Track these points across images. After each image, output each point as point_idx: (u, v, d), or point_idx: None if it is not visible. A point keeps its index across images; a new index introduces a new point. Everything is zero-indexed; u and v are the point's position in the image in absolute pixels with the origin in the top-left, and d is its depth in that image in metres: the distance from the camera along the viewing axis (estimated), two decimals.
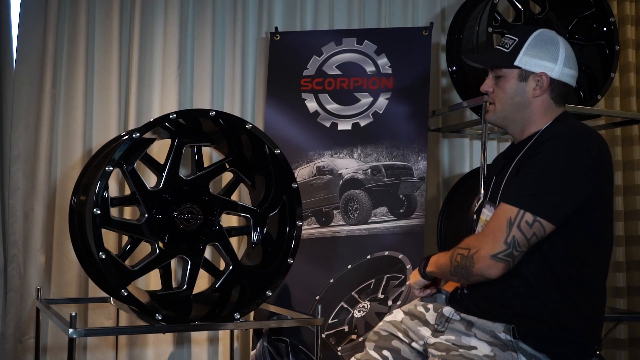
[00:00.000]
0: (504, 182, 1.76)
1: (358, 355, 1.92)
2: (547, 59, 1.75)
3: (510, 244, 1.59)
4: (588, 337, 1.69)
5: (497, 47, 1.81)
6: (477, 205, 1.92)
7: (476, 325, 1.72)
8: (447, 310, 1.83)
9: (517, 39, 1.77)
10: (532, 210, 1.59)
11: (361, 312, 2.82)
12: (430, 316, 1.87)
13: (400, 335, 1.88)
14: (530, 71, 1.75)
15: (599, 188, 1.66)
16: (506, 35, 1.82)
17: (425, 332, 1.83)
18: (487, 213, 1.81)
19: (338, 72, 3.05)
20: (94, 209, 2.01)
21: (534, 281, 1.66)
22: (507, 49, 1.78)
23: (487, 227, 1.67)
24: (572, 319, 1.66)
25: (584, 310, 1.68)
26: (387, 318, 1.97)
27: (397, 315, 1.95)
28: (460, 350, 1.68)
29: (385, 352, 1.86)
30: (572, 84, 1.79)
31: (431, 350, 1.75)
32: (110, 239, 2.86)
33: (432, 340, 1.78)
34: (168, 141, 2.28)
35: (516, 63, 1.76)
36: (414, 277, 1.94)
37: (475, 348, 1.67)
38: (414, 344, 1.84)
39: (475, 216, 1.91)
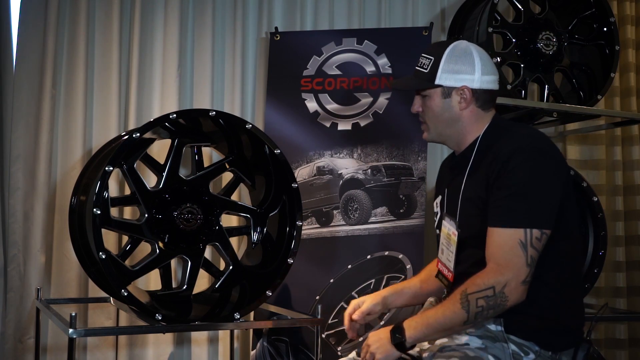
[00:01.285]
0: (461, 196, 1.79)
1: (358, 350, 1.92)
2: (464, 71, 1.79)
3: (531, 264, 1.63)
4: (574, 323, 1.76)
5: (417, 67, 1.86)
6: (437, 220, 1.92)
7: None
8: None
9: (432, 58, 1.81)
10: (536, 225, 1.63)
11: None
12: None
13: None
14: (452, 87, 1.80)
15: (565, 182, 1.73)
16: (422, 54, 1.86)
17: None
18: (448, 226, 1.82)
19: (338, 72, 3.04)
20: (94, 209, 2.01)
21: None
22: (426, 69, 1.83)
23: (497, 258, 1.64)
24: (556, 308, 1.72)
25: (567, 298, 1.74)
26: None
27: None
28: (453, 346, 1.71)
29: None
30: (495, 88, 1.84)
31: (424, 354, 1.77)
32: (110, 239, 2.86)
33: (427, 345, 1.80)
34: (168, 141, 2.28)
35: (437, 82, 1.80)
36: (383, 352, 1.69)
37: (467, 344, 1.70)
38: (409, 351, 1.85)
39: (437, 231, 1.92)
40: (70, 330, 1.93)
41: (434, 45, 1.88)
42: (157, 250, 2.20)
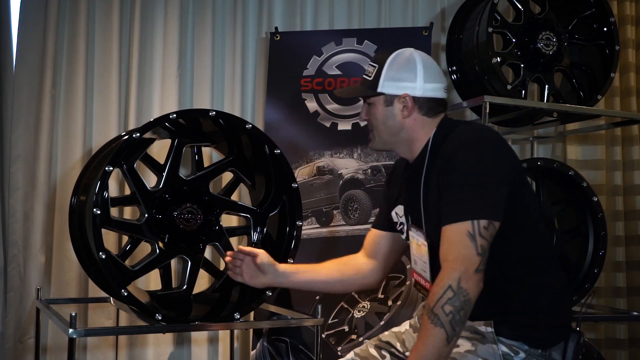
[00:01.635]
0: (422, 206, 1.76)
1: (357, 350, 1.93)
2: (406, 79, 1.78)
3: (482, 253, 1.58)
4: (559, 316, 1.74)
5: (364, 75, 1.85)
6: (405, 232, 1.89)
7: None
8: None
9: (376, 66, 1.81)
10: (482, 216, 1.59)
11: (361, 312, 2.82)
12: None
13: (398, 345, 1.90)
14: (394, 94, 1.78)
15: (513, 173, 1.69)
16: (369, 62, 1.85)
17: None
18: (416, 237, 1.81)
19: (338, 72, 3.04)
20: (94, 209, 2.01)
21: (492, 281, 1.65)
22: (370, 77, 1.82)
23: (449, 253, 1.59)
24: (539, 305, 1.71)
25: (549, 294, 1.73)
26: (395, 329, 1.98)
27: (403, 326, 1.96)
28: None
29: (385, 352, 1.88)
30: (440, 96, 1.82)
31: None
32: (110, 239, 2.86)
33: None
34: (168, 141, 2.28)
35: (379, 89, 1.79)
36: None
37: (457, 346, 1.69)
38: (407, 354, 1.87)
39: (407, 242, 1.90)
40: (70, 330, 1.93)
41: (380, 53, 1.86)
42: (157, 250, 2.20)
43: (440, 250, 1.62)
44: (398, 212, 1.92)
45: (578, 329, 1.76)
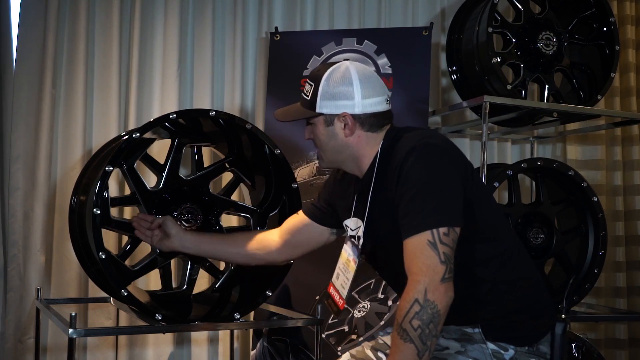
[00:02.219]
0: (365, 219, 1.72)
1: (353, 351, 1.92)
2: (342, 98, 1.71)
3: (446, 261, 1.53)
4: (540, 310, 1.72)
5: (302, 94, 1.79)
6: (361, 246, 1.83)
7: (444, 329, 1.72)
8: None
9: (313, 84, 1.75)
10: (441, 224, 1.54)
11: (361, 312, 2.82)
12: None
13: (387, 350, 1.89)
14: (332, 114, 1.72)
15: (465, 176, 1.64)
16: (307, 80, 1.79)
17: None
18: (349, 252, 1.77)
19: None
20: (94, 209, 2.01)
21: (465, 287, 1.64)
22: (308, 96, 1.76)
23: (413, 265, 1.54)
24: (517, 304, 1.69)
25: (525, 292, 1.71)
26: (389, 329, 1.97)
27: None
28: (434, 352, 1.68)
29: (380, 354, 1.88)
30: (381, 109, 1.74)
31: None
32: (110, 239, 2.86)
33: None
34: (168, 141, 2.28)
35: (317, 110, 1.73)
36: None
37: (447, 348, 1.70)
38: None
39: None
40: (70, 330, 1.93)
41: (316, 69, 1.79)
42: (157, 250, 2.20)
43: (405, 265, 1.57)
44: (349, 225, 1.86)
45: (563, 316, 1.75)
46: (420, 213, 1.56)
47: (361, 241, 1.79)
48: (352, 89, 1.71)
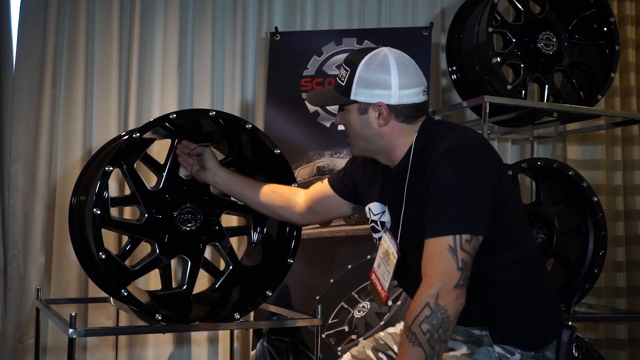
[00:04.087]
0: (402, 215, 1.69)
1: (354, 351, 1.92)
2: (380, 87, 1.65)
3: (463, 267, 1.51)
4: (548, 316, 1.71)
5: (337, 77, 1.73)
6: (380, 233, 1.82)
7: None
8: None
9: (349, 70, 1.68)
10: (465, 230, 1.52)
11: (361, 312, 2.82)
12: None
13: (395, 347, 1.88)
14: (368, 103, 1.66)
15: (499, 181, 1.62)
16: (342, 63, 1.72)
17: None
18: (388, 244, 1.74)
19: (338, 72, 3.04)
20: (94, 209, 2.01)
21: (480, 289, 1.64)
22: (343, 81, 1.69)
23: (429, 268, 1.52)
24: (527, 308, 1.68)
25: (536, 297, 1.69)
26: (390, 330, 1.96)
27: (398, 327, 1.95)
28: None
29: (382, 355, 1.87)
30: (418, 100, 1.68)
31: None
32: (110, 239, 2.86)
33: None
34: (168, 141, 2.27)
35: (352, 97, 1.67)
36: None
37: (452, 349, 1.69)
38: None
39: (375, 238, 1.86)
40: (70, 330, 1.93)
41: (354, 54, 1.71)
42: (157, 251, 2.20)
43: (422, 265, 1.55)
44: (372, 209, 1.84)
45: (570, 323, 1.73)
46: (446, 216, 1.54)
47: (387, 225, 1.77)
48: (389, 78, 1.64)
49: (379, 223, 1.83)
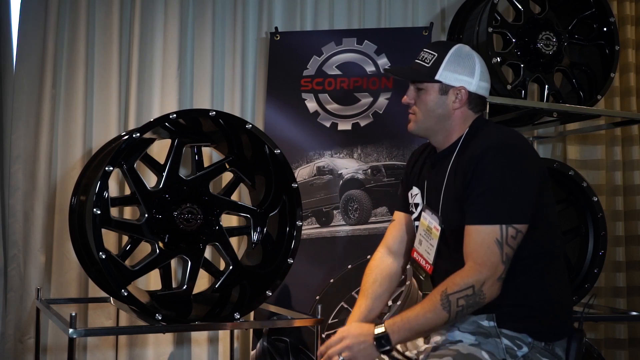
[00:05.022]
0: (443, 193, 1.81)
1: None
2: (465, 73, 1.83)
3: (506, 261, 1.67)
4: (562, 311, 1.78)
5: (417, 61, 1.89)
6: (416, 213, 1.94)
7: (460, 320, 1.77)
8: None
9: (436, 54, 1.85)
10: (512, 221, 1.67)
11: None
12: None
13: (398, 345, 1.90)
14: (450, 85, 1.83)
15: (541, 178, 1.75)
16: (425, 50, 1.89)
17: (420, 341, 1.89)
18: (429, 219, 1.86)
19: (338, 72, 3.04)
20: (94, 209, 2.01)
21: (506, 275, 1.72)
22: (428, 63, 1.85)
23: (475, 257, 1.67)
24: (545, 299, 1.75)
25: (554, 289, 1.78)
26: None
27: None
28: (447, 345, 1.74)
29: (383, 355, 1.89)
30: (487, 95, 1.89)
31: (421, 356, 1.81)
32: (110, 239, 2.86)
33: (423, 346, 1.85)
34: (168, 141, 2.28)
35: (437, 77, 1.83)
36: (366, 356, 1.69)
37: (460, 341, 1.74)
38: (407, 353, 1.90)
39: (416, 223, 1.94)
40: (70, 330, 1.93)
41: (438, 43, 1.91)
42: (157, 250, 2.20)
43: (465, 248, 1.69)
44: (413, 193, 1.97)
45: (580, 328, 1.79)
46: (493, 207, 1.67)
47: (419, 208, 1.91)
48: (474, 68, 1.84)
49: (413, 205, 1.96)
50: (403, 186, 2.07)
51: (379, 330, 1.71)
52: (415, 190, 1.97)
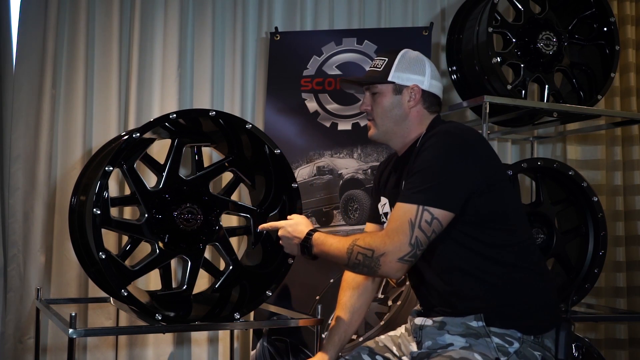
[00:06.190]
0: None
1: (348, 357, 1.94)
2: (416, 72, 1.91)
3: (414, 244, 1.67)
4: (548, 303, 1.79)
5: (369, 68, 1.96)
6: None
7: (448, 323, 1.78)
8: (419, 319, 1.88)
9: (386, 59, 1.93)
10: (428, 203, 1.67)
11: None
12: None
13: (394, 349, 1.94)
14: (403, 85, 1.90)
15: (487, 167, 1.76)
16: (375, 57, 1.98)
17: (413, 347, 1.90)
18: None
19: (338, 72, 3.04)
20: (94, 209, 2.01)
21: (475, 273, 1.74)
22: (379, 68, 1.93)
23: (388, 229, 1.71)
24: (528, 292, 1.75)
25: (536, 282, 1.78)
26: (390, 333, 2.02)
27: (398, 330, 2.00)
28: (439, 351, 1.75)
29: (378, 357, 1.90)
30: (440, 95, 1.97)
31: None
32: (110, 239, 2.86)
33: (417, 352, 1.85)
34: (168, 141, 2.27)
35: (390, 79, 1.90)
36: (288, 249, 2.04)
37: (451, 344, 1.74)
38: (404, 358, 1.91)
39: None
40: (70, 330, 1.93)
41: (387, 50, 1.98)
42: (157, 250, 2.20)
43: (387, 222, 1.78)
44: (382, 203, 2.01)
45: (568, 317, 1.80)
46: (414, 188, 1.71)
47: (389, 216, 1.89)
48: (424, 67, 1.92)
49: (383, 215, 2.00)
50: (373, 198, 2.11)
51: (307, 237, 1.92)
52: (383, 200, 2.00)
